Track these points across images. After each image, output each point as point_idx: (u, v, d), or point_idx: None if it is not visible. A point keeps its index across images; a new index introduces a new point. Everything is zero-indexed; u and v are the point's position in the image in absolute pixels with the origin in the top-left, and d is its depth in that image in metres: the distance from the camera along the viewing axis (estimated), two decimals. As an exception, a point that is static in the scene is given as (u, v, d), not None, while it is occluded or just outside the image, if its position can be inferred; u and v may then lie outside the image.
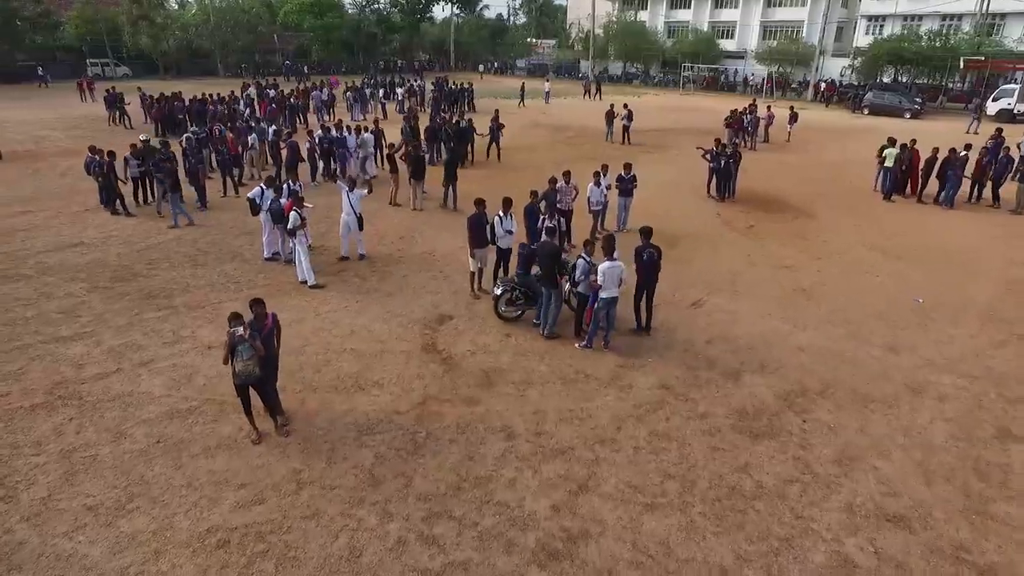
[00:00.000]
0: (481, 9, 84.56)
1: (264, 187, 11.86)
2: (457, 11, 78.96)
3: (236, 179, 17.26)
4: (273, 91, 30.71)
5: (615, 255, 8.58)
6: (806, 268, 12.45)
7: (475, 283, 10.80)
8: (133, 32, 51.63)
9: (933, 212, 16.74)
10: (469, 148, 21.12)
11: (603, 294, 8.53)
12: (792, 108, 27.51)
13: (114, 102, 27.29)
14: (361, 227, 12.06)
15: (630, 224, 14.39)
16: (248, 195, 11.93)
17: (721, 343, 9.33)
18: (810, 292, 11.28)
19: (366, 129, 18.51)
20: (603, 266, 8.42)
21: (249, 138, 17.97)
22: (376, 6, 72.51)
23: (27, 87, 44.24)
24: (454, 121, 21.44)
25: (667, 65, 62.56)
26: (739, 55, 60.55)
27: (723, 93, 51.69)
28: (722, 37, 61.82)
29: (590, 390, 8.01)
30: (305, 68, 58.42)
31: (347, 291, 10.84)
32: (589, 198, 13.26)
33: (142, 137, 15.77)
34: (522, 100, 37.44)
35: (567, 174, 12.85)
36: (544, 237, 9.23)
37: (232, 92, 29.34)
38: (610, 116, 25.34)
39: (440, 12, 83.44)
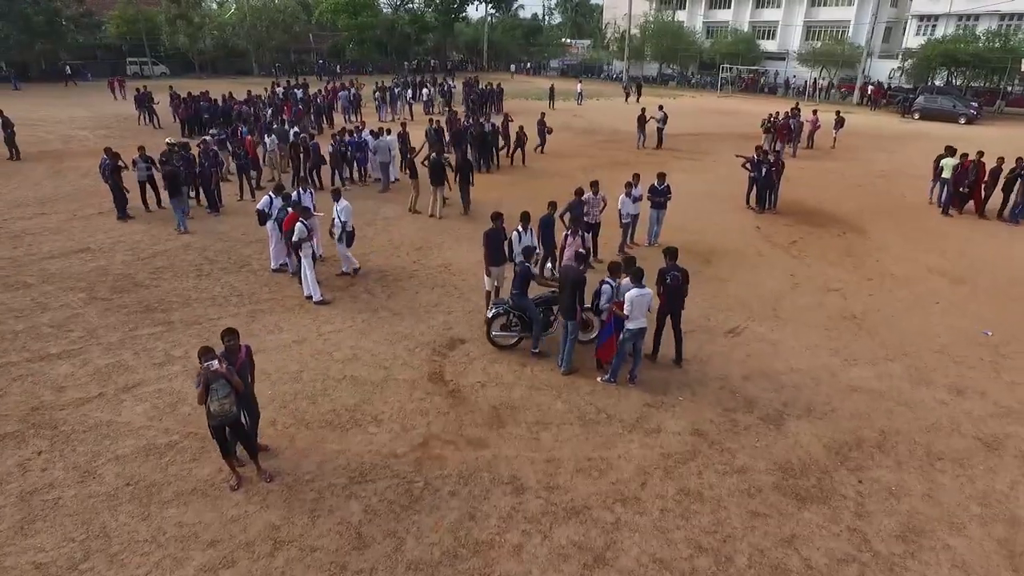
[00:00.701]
0: (516, 9, 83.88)
1: (273, 196, 11.25)
2: (492, 10, 78.35)
3: (254, 183, 16.79)
4: (300, 91, 30.36)
5: (643, 281, 7.66)
6: (856, 292, 11.29)
7: (491, 303, 9.98)
8: (170, 31, 52.28)
9: (998, 228, 15.31)
10: (493, 152, 20.37)
11: (630, 324, 7.61)
12: (838, 113, 26.01)
13: (143, 101, 27.28)
14: (350, 242, 11.17)
15: (663, 238, 13.41)
16: (256, 206, 11.31)
17: (761, 380, 8.32)
18: (862, 320, 10.15)
19: (389, 132, 17.84)
20: (630, 293, 7.51)
21: (267, 140, 17.46)
22: (410, 6, 72.40)
23: (70, 86, 44.96)
24: (478, 123, 20.64)
25: (704, 66, 60.86)
26: (780, 56, 58.53)
27: (763, 96, 49.87)
28: (763, 38, 59.90)
29: (612, 434, 7.11)
30: (337, 67, 58.44)
31: (354, 308, 10.13)
32: (620, 210, 12.32)
33: (169, 140, 15.36)
34: (552, 102, 36.36)
35: (595, 184, 11.93)
36: (569, 261, 8.30)
37: (250, 92, 28.82)
38: (642, 121, 24.23)
39: (474, 12, 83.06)
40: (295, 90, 30.78)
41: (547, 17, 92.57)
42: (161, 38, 53.19)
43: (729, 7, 64.72)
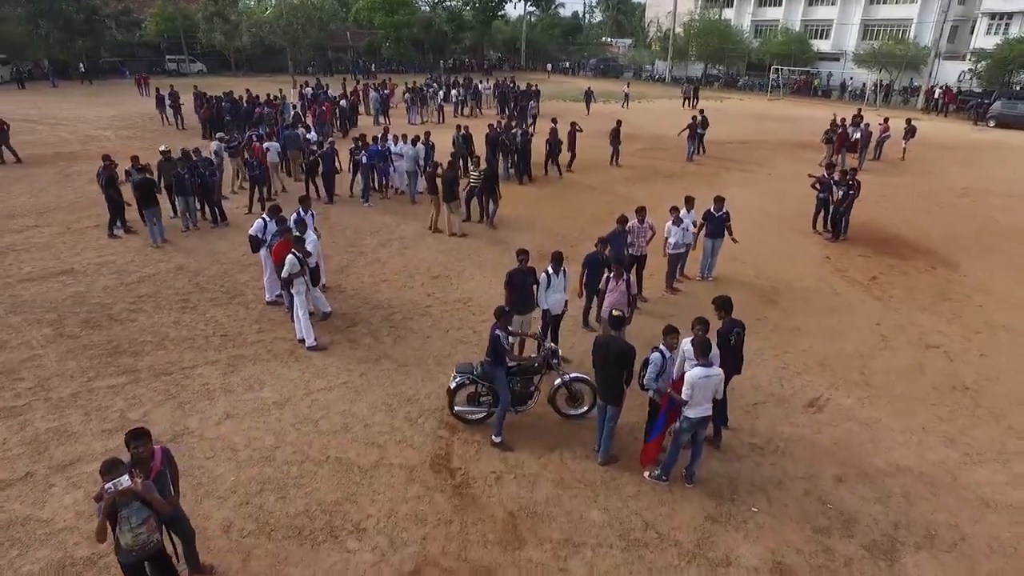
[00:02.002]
0: (556, 7, 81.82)
1: (267, 218, 9.77)
2: (531, 8, 76.51)
3: (267, 194, 15.45)
4: (322, 92, 29.02)
5: (711, 355, 5.87)
6: (963, 350, 9.23)
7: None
8: (207, 29, 52.04)
9: (1119, 265, 12.94)
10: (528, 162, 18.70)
11: (690, 412, 5.84)
12: (909, 121, 23.48)
13: (163, 102, 26.43)
14: (316, 281, 9.33)
15: (717, 270, 11.52)
16: (249, 231, 9.84)
17: (859, 482, 6.43)
18: (977, 393, 8.12)
19: (416, 139, 16.25)
20: (694, 375, 5.73)
21: (267, 145, 15.97)
22: (448, 3, 71.17)
23: (110, 84, 44.92)
24: (511, 129, 18.93)
25: (752, 67, 57.93)
26: (834, 57, 55.27)
27: (816, 99, 46.92)
28: (816, 37, 56.67)
29: (665, 566, 5.35)
30: (372, 66, 57.49)
31: (352, 357, 8.56)
32: (667, 239, 10.49)
33: (161, 148, 14.14)
34: (588, 106, 33.73)
35: (641, 211, 10.11)
36: (608, 327, 6.51)
37: (269, 94, 26.84)
38: (693, 130, 22.12)
39: (513, 10, 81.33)
40: (319, 91, 29.56)
41: (587, 16, 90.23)
42: (198, 36, 52.99)
43: (780, 5, 61.56)
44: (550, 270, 7.98)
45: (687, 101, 38.27)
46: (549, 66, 67.40)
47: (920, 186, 19.35)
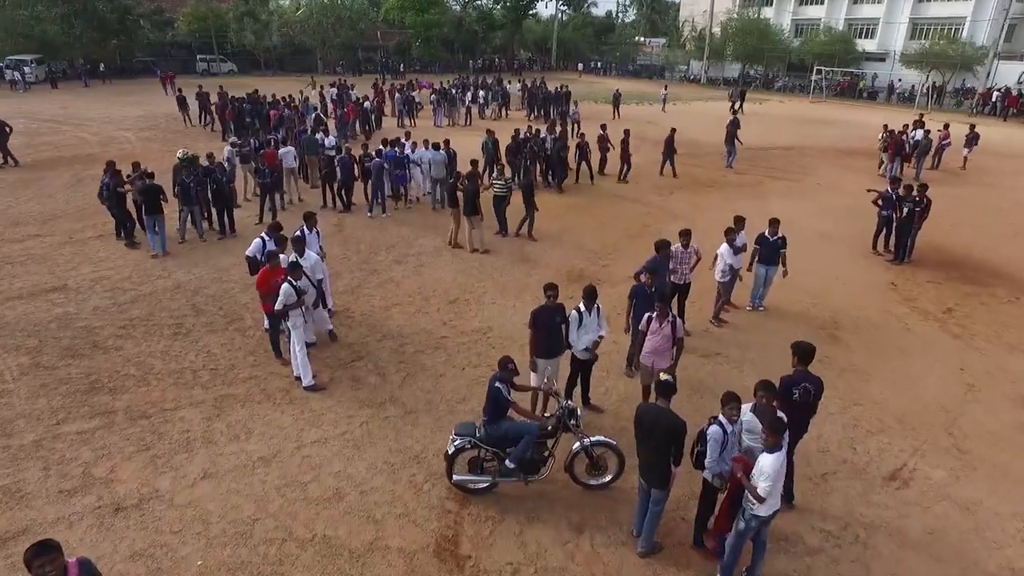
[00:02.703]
0: (588, 6, 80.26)
1: (266, 237, 8.83)
2: (564, 7, 75.11)
3: (280, 202, 14.59)
4: (346, 93, 28.22)
5: (785, 438, 4.66)
6: (1070, 406, 7.81)
7: (538, 408, 7.19)
8: (238, 28, 51.96)
9: None
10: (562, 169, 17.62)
11: (762, 510, 4.64)
12: (972, 127, 21.65)
13: (184, 103, 25.97)
14: (323, 302, 8.58)
15: (769, 299, 10.22)
16: (247, 252, 8.92)
17: (965, 591, 5.16)
18: (1097, 465, 6.73)
19: (436, 146, 15.23)
20: (767, 462, 4.53)
21: (283, 151, 15.13)
22: (479, 2, 70.25)
23: (140, 83, 45.03)
24: (540, 135, 17.77)
25: (792, 68, 55.65)
26: (880, 57, 52.83)
27: (861, 102, 44.71)
28: (860, 36, 54.17)
29: None
30: (401, 66, 56.81)
31: (354, 400, 7.54)
32: (721, 263, 9.21)
33: (179, 154, 13.37)
34: (616, 110, 31.10)
35: (686, 234, 8.85)
36: (656, 399, 5.30)
37: (288, 95, 25.96)
38: (732, 135, 20.65)
39: (544, 9, 79.97)
40: (347, 91, 28.80)
41: (620, 15, 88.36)
42: (228, 35, 52.96)
43: (822, 3, 59.18)
44: (582, 307, 6.84)
45: (733, 105, 33.99)
46: (580, 66, 65.97)
47: (985, 199, 17.66)
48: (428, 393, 7.72)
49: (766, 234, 9.55)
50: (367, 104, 24.66)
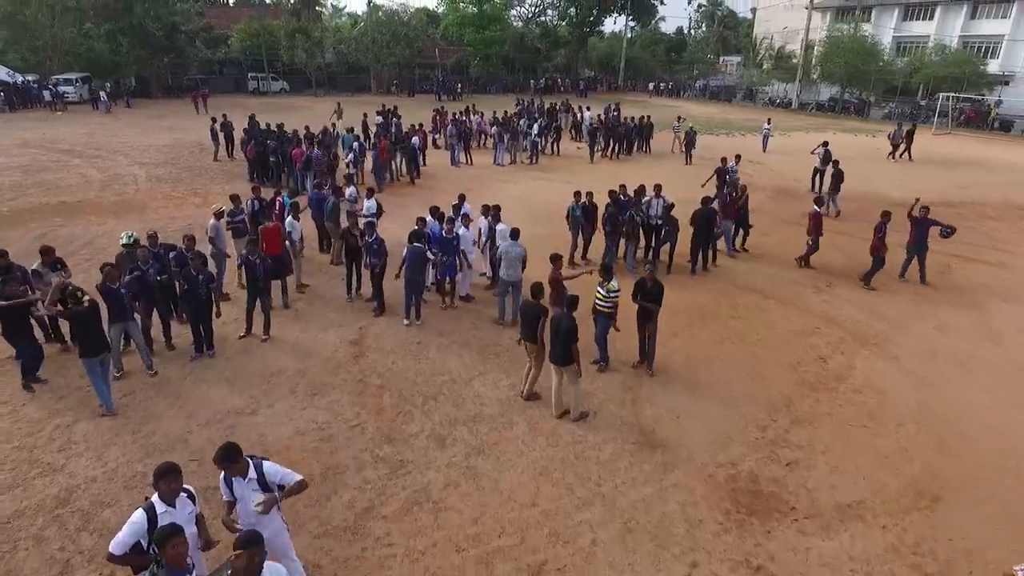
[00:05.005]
0: (657, 22, 75.08)
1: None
2: (632, 23, 70.22)
3: (283, 298, 10.37)
4: (392, 122, 24.03)
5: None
6: None
7: None
8: (288, 46, 49.33)
9: None
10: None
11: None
12: None
13: (217, 135, 22.42)
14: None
15: None
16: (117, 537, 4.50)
17: None
18: None
19: (515, 232, 10.18)
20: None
21: (288, 223, 10.90)
22: (542, 19, 66.15)
23: (188, 101, 42.49)
24: (643, 197, 12.92)
25: (890, 92, 48.80)
26: (1003, 80, 45.79)
27: (994, 133, 38.01)
28: (978, 55, 47.02)
29: None
30: (459, 86, 52.98)
31: None
32: None
33: (122, 238, 9.29)
34: (688, 155, 24.35)
35: None
36: None
37: (310, 130, 21.09)
38: (823, 174, 15.34)
39: (611, 25, 75.04)
40: (394, 119, 24.62)
41: (692, 31, 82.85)
42: (280, 53, 50.42)
43: (931, 18, 52.50)
44: None
45: (896, 150, 26.55)
46: (651, 86, 60.94)
47: None
48: None
49: None
50: (415, 140, 20.20)
